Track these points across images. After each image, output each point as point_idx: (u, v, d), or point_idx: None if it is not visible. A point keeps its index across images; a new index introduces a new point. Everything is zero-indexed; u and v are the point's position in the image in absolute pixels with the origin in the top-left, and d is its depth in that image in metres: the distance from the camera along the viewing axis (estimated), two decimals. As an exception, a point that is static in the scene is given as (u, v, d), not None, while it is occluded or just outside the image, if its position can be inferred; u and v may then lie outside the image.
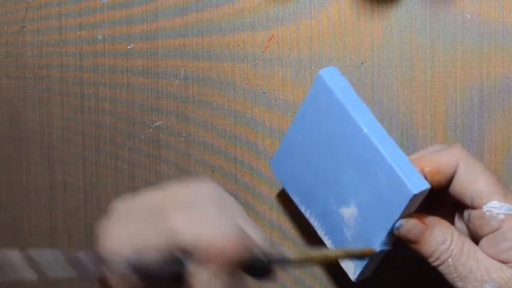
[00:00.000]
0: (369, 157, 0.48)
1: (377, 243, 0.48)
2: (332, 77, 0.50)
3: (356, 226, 0.50)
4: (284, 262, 0.43)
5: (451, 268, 0.45)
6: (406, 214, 0.47)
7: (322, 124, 0.51)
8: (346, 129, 0.49)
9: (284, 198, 0.62)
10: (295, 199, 0.55)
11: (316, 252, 0.46)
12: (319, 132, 0.51)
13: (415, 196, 0.45)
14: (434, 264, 0.46)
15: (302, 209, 0.54)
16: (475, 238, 0.47)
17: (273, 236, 0.62)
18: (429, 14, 0.57)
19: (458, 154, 0.47)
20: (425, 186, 0.46)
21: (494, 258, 0.45)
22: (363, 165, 0.48)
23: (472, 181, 0.46)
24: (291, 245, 0.62)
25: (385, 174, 0.47)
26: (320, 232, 0.53)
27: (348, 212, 0.50)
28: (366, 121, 0.48)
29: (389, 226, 0.47)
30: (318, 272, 0.61)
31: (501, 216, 0.45)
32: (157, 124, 0.65)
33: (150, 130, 0.65)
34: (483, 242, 0.46)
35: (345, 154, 0.50)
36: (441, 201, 0.50)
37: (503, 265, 0.45)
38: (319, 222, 0.53)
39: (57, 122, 0.68)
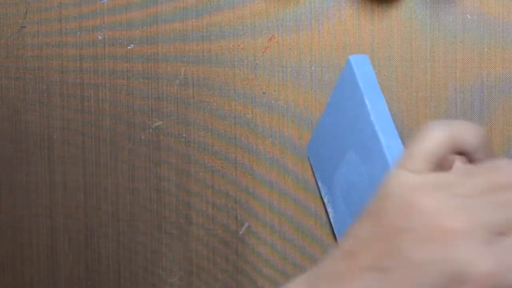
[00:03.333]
0: (371, 144, 0.48)
1: None
2: (359, 64, 0.51)
3: (356, 214, 0.50)
4: None
5: None
6: None
7: (345, 109, 0.52)
8: (359, 114, 0.50)
9: (284, 200, 0.62)
10: (319, 183, 0.57)
11: None
12: (341, 117, 0.52)
13: None
14: None
15: (322, 193, 0.56)
16: None
17: (273, 238, 0.62)
18: (429, 14, 0.57)
19: None
20: None
21: None
22: (367, 150, 0.49)
23: None
24: (290, 247, 0.62)
25: (380, 162, 0.47)
26: (332, 219, 0.54)
27: (353, 198, 0.50)
28: (377, 109, 0.49)
29: None
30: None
31: None
32: (157, 124, 0.65)
33: (150, 131, 0.65)
34: None
35: (356, 137, 0.50)
36: None
37: None
38: (333, 208, 0.53)
39: (57, 123, 0.68)
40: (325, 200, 0.55)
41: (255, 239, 0.63)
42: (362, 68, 0.51)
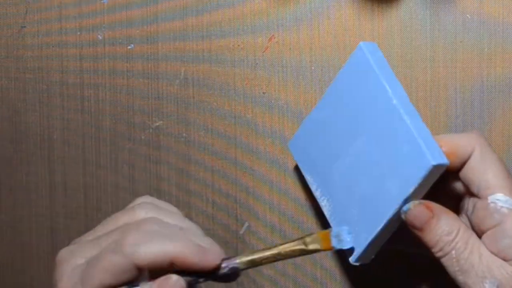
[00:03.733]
0: (394, 128, 0.48)
1: (384, 220, 0.48)
2: (371, 50, 0.51)
3: (366, 203, 0.49)
4: (234, 271, 0.47)
5: (454, 260, 0.45)
6: (418, 192, 0.47)
7: (353, 95, 0.51)
8: (376, 99, 0.49)
9: (284, 200, 0.62)
10: (308, 177, 0.55)
11: (264, 254, 0.48)
12: (348, 104, 0.51)
13: (433, 167, 0.45)
14: (437, 255, 0.46)
15: (313, 187, 0.54)
16: (477, 233, 0.47)
17: (274, 238, 0.62)
18: (429, 14, 0.57)
19: (476, 139, 0.47)
20: (444, 160, 0.46)
21: (496, 255, 0.45)
22: (386, 136, 0.48)
23: (483, 169, 0.46)
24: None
25: (407, 145, 0.47)
26: (327, 212, 0.53)
27: (360, 186, 0.50)
28: (397, 94, 0.48)
29: (401, 199, 0.47)
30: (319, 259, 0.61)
31: (505, 210, 0.45)
32: (157, 124, 0.65)
33: (150, 130, 0.65)
34: (485, 238, 0.46)
35: (370, 124, 0.49)
36: (446, 192, 0.50)
37: (504, 263, 0.45)
38: (328, 201, 0.53)
39: (57, 123, 0.68)
40: (318, 194, 0.54)
41: (255, 238, 0.63)
42: (374, 55, 0.51)
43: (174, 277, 0.43)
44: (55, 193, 0.68)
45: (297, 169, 0.61)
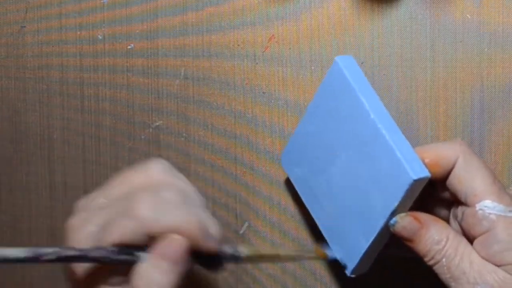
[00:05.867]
0: (374, 143, 0.48)
1: (373, 235, 0.48)
2: (347, 64, 0.51)
3: (355, 217, 0.50)
4: (235, 258, 0.46)
5: (445, 268, 0.45)
6: (404, 205, 0.47)
7: (333, 111, 0.51)
8: (354, 114, 0.49)
9: (284, 198, 0.62)
10: (299, 189, 0.56)
11: (268, 251, 0.50)
12: (329, 119, 0.52)
13: (414, 182, 0.45)
14: (429, 263, 0.46)
15: (304, 198, 0.55)
16: (469, 238, 0.47)
17: (273, 236, 0.62)
18: (429, 14, 0.57)
19: (459, 148, 0.47)
20: (425, 173, 0.46)
21: (487, 261, 0.45)
22: (367, 151, 0.48)
23: (468, 177, 0.46)
24: (291, 245, 0.62)
25: (387, 160, 0.47)
26: (319, 224, 0.53)
27: (348, 200, 0.50)
28: (375, 108, 0.48)
29: (386, 214, 0.47)
30: (319, 271, 0.61)
31: (493, 217, 0.45)
32: (157, 124, 0.65)
33: (150, 130, 0.65)
34: (476, 244, 0.46)
35: (352, 139, 0.50)
36: (436, 199, 0.50)
37: (496, 268, 0.45)
38: (320, 213, 0.53)
39: (57, 123, 0.68)
40: (309, 206, 0.55)
41: (255, 235, 0.63)
42: (351, 69, 0.51)
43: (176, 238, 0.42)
44: (55, 193, 0.68)
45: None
